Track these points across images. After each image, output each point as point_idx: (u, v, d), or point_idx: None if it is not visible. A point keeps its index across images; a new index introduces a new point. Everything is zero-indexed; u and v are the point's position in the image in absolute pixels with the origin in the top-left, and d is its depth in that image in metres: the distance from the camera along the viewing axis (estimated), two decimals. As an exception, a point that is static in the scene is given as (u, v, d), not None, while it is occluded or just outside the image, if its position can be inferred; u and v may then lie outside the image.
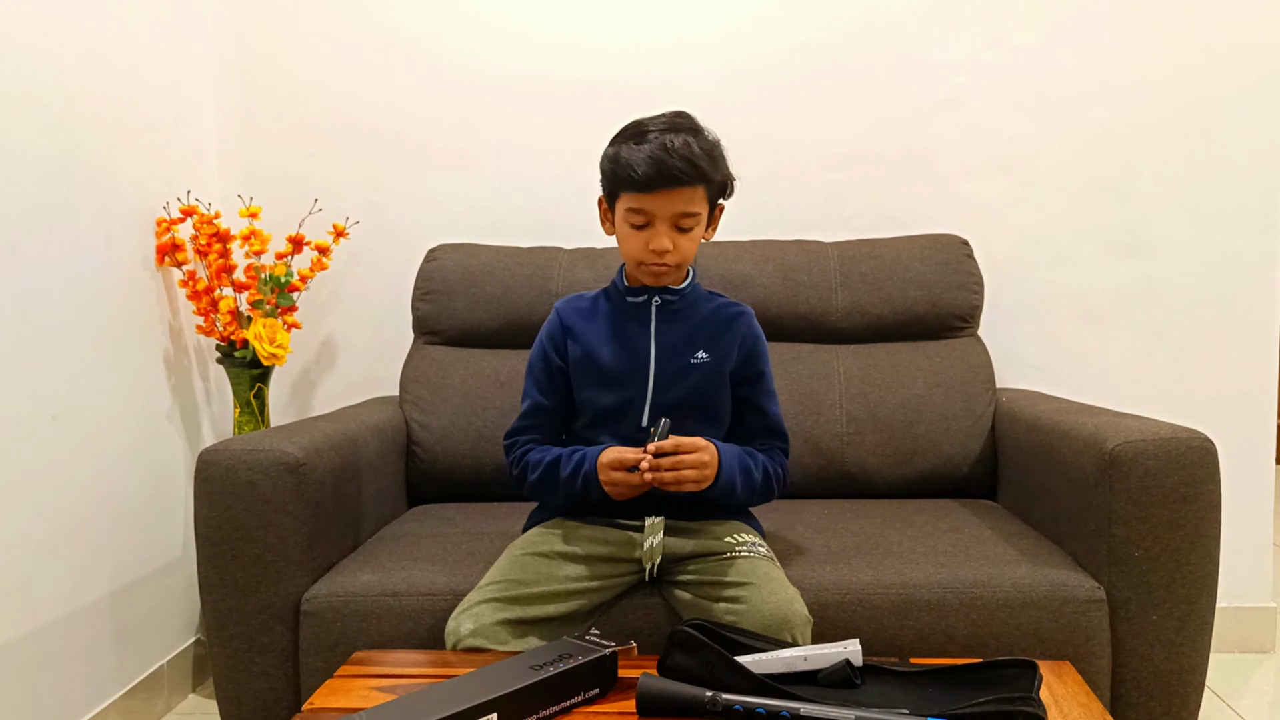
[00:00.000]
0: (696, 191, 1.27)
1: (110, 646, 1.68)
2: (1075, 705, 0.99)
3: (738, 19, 2.08)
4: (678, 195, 1.25)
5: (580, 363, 1.36)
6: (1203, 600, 1.31)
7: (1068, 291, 2.07)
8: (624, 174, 1.25)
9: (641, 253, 1.29)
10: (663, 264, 1.29)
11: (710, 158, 1.26)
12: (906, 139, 2.08)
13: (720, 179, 1.30)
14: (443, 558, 1.42)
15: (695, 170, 1.24)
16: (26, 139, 1.49)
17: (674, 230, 1.28)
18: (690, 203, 1.27)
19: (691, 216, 1.28)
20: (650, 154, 1.23)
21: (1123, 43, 2.04)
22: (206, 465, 1.35)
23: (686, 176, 1.23)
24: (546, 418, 1.39)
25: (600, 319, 1.38)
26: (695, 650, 1.00)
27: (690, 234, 1.29)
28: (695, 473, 1.20)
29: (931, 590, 1.31)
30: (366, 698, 1.02)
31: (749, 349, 1.39)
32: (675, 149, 1.23)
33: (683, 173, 1.23)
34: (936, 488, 1.78)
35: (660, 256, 1.28)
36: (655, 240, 1.27)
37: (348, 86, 2.12)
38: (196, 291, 1.88)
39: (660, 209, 1.26)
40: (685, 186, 1.25)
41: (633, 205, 1.27)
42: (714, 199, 1.32)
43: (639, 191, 1.25)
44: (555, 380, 1.38)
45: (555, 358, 1.38)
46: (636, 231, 1.29)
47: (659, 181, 1.23)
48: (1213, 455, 1.31)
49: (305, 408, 2.17)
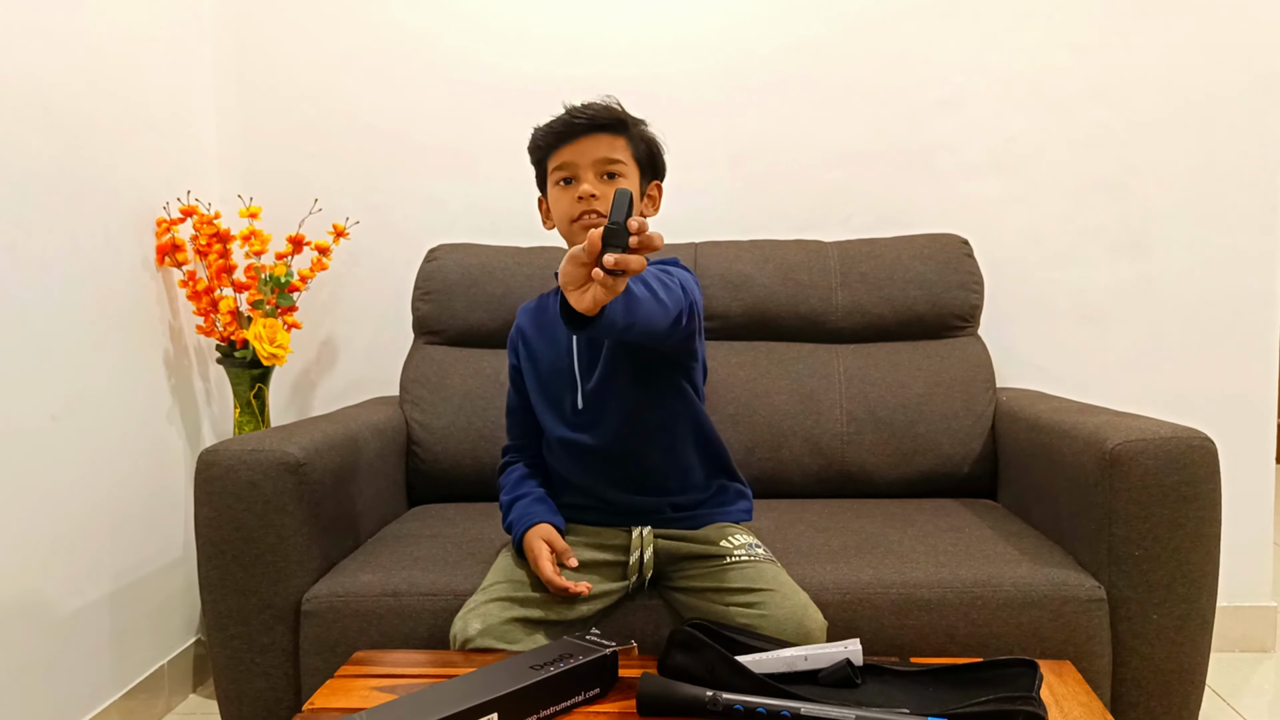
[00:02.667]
0: (617, 140, 1.29)
1: (110, 646, 1.68)
2: (1076, 704, 0.99)
3: (738, 18, 2.08)
4: (598, 141, 1.28)
5: (526, 361, 1.39)
6: (1203, 599, 1.31)
7: (1068, 291, 2.07)
8: (541, 136, 1.31)
9: (571, 206, 1.29)
10: (593, 210, 1.28)
11: (627, 114, 1.30)
12: (906, 139, 2.08)
13: (644, 137, 1.32)
14: (443, 558, 1.42)
15: (607, 113, 1.28)
16: (26, 139, 1.50)
17: (600, 179, 1.29)
18: (612, 149, 1.29)
19: (616, 163, 1.29)
20: (564, 112, 1.30)
21: (1123, 42, 2.04)
22: (207, 465, 1.35)
23: (600, 118, 1.27)
24: (518, 419, 1.43)
25: (544, 313, 1.40)
26: (696, 650, 1.00)
27: (617, 183, 1.30)
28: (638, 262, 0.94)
29: (932, 590, 1.31)
30: (367, 698, 1.02)
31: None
32: (588, 103, 1.29)
33: (597, 114, 1.28)
34: (937, 487, 1.78)
35: (589, 203, 1.27)
36: (581, 188, 1.28)
37: (348, 86, 2.12)
38: (196, 292, 1.88)
39: (582, 156, 1.28)
40: (602, 132, 1.28)
41: (556, 163, 1.31)
42: (641, 162, 1.33)
43: (558, 146, 1.29)
44: (517, 381, 1.42)
45: (513, 358, 1.42)
46: (565, 189, 1.30)
47: (573, 124, 1.28)
48: (1213, 455, 1.31)
49: (305, 408, 2.17)
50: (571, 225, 1.30)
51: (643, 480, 1.32)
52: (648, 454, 1.31)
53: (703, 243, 1.95)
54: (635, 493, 1.32)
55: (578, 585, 1.21)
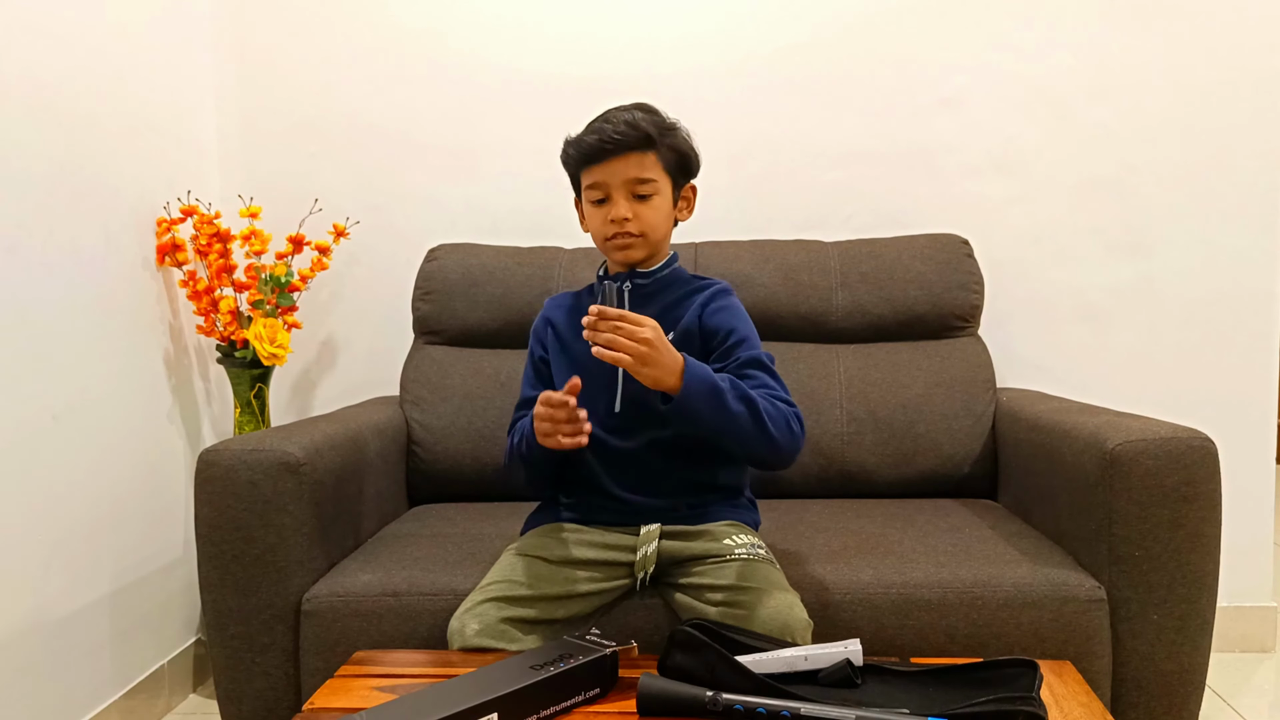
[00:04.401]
0: (646, 157, 1.29)
1: (110, 646, 1.68)
2: (1076, 705, 0.99)
3: (738, 18, 2.08)
4: (627, 161, 1.28)
5: (557, 354, 1.39)
6: (1203, 600, 1.31)
7: (1068, 291, 2.07)
8: (573, 152, 1.31)
9: (604, 226, 1.31)
10: (625, 233, 1.30)
11: (656, 125, 1.29)
12: (906, 139, 2.08)
13: (673, 146, 1.32)
14: (443, 558, 1.42)
15: (636, 132, 1.27)
16: (26, 139, 1.49)
17: (632, 199, 1.30)
18: (642, 168, 1.29)
19: (646, 183, 1.29)
20: (594, 128, 1.30)
21: (1123, 43, 2.04)
22: (207, 465, 1.35)
23: (628, 138, 1.27)
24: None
25: (580, 311, 1.38)
26: (696, 650, 1.00)
27: (650, 203, 1.30)
28: (631, 345, 1.10)
29: (932, 590, 1.31)
30: (367, 698, 1.02)
31: (711, 317, 1.33)
32: (616, 119, 1.28)
33: (625, 135, 1.27)
34: (937, 487, 1.78)
35: (621, 225, 1.29)
36: (614, 210, 1.29)
37: (348, 86, 2.12)
38: (197, 291, 1.88)
39: (613, 177, 1.29)
40: (631, 152, 1.28)
41: (589, 182, 1.31)
42: (672, 171, 1.33)
43: (590, 165, 1.30)
44: (541, 373, 1.41)
45: (539, 350, 1.42)
46: (598, 208, 1.32)
47: (603, 148, 1.27)
48: (1213, 455, 1.31)
49: (305, 408, 2.17)
50: (606, 243, 1.33)
51: (664, 486, 1.32)
52: (676, 463, 1.31)
53: (703, 243, 1.95)
54: (653, 496, 1.32)
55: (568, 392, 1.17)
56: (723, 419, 1.17)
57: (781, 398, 1.25)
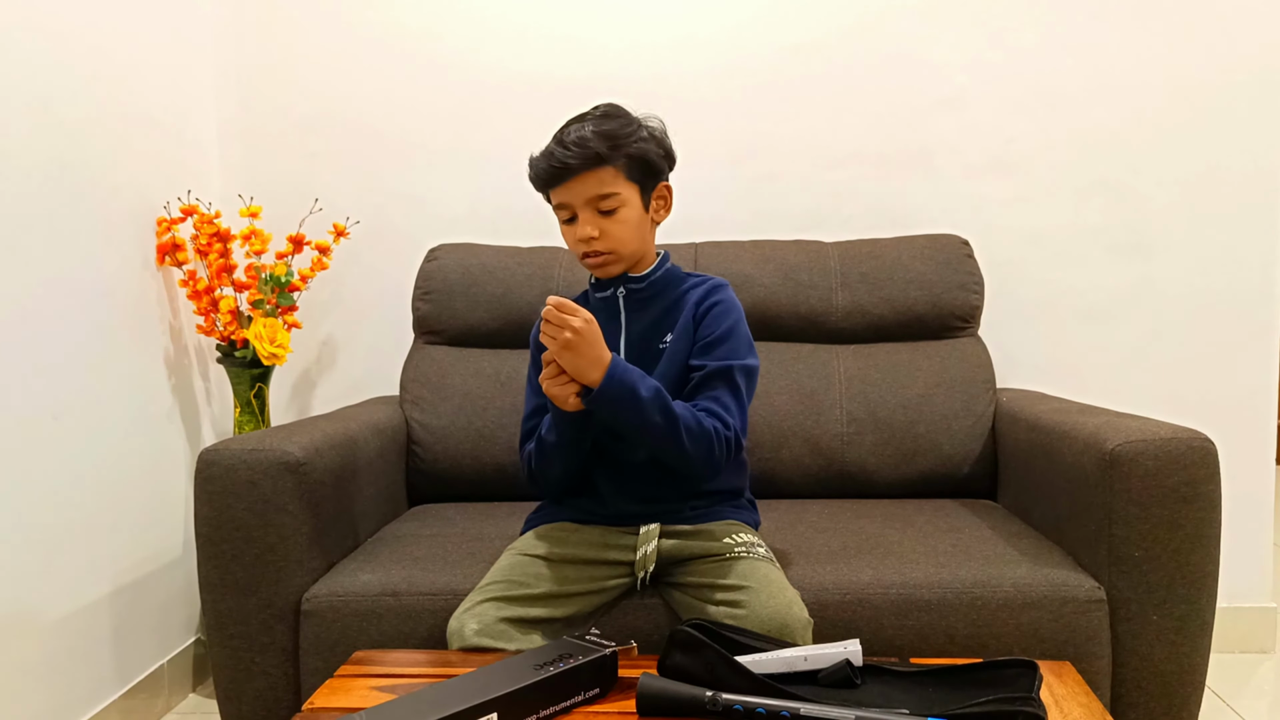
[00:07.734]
0: (604, 172, 1.26)
1: (110, 646, 1.68)
2: (1075, 705, 0.99)
3: (738, 19, 2.08)
4: (585, 180, 1.25)
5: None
6: (1203, 600, 1.31)
7: (1068, 291, 2.07)
8: (532, 174, 1.30)
9: (575, 245, 1.30)
10: (594, 250, 1.29)
11: (609, 139, 1.24)
12: (906, 139, 2.08)
13: (632, 154, 1.27)
14: (443, 558, 1.42)
15: (586, 152, 1.23)
16: (26, 139, 1.50)
17: (596, 215, 1.27)
18: (601, 184, 1.26)
19: (609, 198, 1.26)
20: (547, 151, 1.27)
21: (1123, 43, 2.04)
22: (207, 465, 1.35)
23: (578, 160, 1.24)
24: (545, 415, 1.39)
25: None
26: (695, 650, 1.00)
27: (616, 216, 1.27)
28: (559, 332, 1.14)
29: (931, 590, 1.31)
30: (366, 697, 1.02)
31: (702, 315, 1.32)
32: (568, 139, 1.25)
33: (574, 158, 1.24)
34: (936, 488, 1.78)
35: (588, 244, 1.28)
36: (580, 229, 1.28)
37: (348, 86, 2.12)
38: (197, 291, 1.88)
39: (574, 197, 1.27)
40: (587, 171, 1.25)
41: (555, 202, 1.30)
42: (637, 178, 1.29)
43: (549, 188, 1.29)
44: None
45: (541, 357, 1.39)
46: (568, 226, 1.30)
47: (555, 174, 1.26)
48: (1213, 455, 1.31)
49: (305, 408, 2.17)
50: (582, 260, 1.32)
51: (666, 489, 1.31)
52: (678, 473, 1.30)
53: (703, 243, 1.95)
54: (654, 500, 1.32)
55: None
56: (637, 423, 1.20)
57: (721, 418, 1.24)
